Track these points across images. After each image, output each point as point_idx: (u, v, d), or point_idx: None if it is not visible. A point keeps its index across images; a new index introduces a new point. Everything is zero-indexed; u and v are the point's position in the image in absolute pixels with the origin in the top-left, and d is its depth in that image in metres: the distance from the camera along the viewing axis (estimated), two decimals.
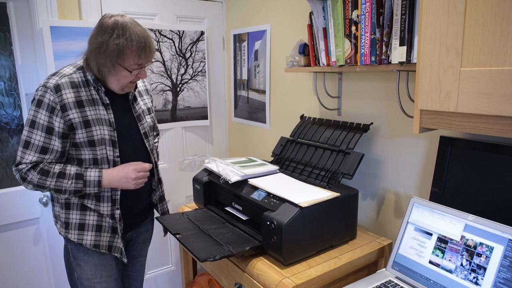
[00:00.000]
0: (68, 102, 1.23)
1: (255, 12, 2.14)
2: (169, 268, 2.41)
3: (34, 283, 1.98)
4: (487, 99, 0.82)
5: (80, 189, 1.26)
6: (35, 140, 1.23)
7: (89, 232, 1.34)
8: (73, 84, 1.25)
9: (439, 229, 1.11)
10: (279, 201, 1.30)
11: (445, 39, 0.87)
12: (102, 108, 1.30)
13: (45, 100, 1.21)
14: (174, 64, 2.21)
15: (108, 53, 1.20)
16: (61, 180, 1.25)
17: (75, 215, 1.34)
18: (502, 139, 1.12)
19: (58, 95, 1.21)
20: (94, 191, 1.28)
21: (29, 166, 1.24)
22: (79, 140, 1.26)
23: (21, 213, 1.89)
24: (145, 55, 1.25)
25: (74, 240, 1.34)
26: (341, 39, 1.37)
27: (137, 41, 1.21)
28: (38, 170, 1.24)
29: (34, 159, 1.24)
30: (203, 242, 1.32)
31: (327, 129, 1.60)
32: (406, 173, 1.44)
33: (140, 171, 1.31)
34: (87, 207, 1.34)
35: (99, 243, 1.35)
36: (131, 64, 1.24)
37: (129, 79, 1.28)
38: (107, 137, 1.30)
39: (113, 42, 1.19)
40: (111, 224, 1.36)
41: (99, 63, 1.24)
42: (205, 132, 2.45)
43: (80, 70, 1.29)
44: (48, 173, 1.24)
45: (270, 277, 1.21)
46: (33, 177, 1.24)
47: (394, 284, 1.14)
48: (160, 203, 1.58)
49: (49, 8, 1.78)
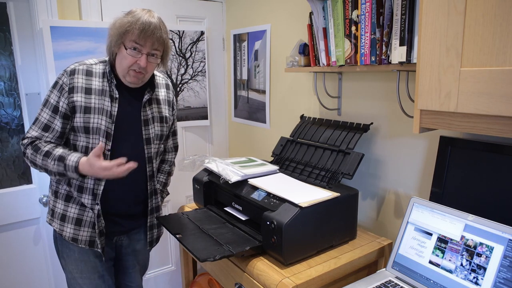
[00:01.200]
0: (77, 85, 1.28)
1: (255, 12, 2.14)
2: (169, 268, 2.41)
3: (34, 283, 1.98)
4: (487, 99, 0.82)
5: (62, 172, 1.25)
6: (42, 117, 1.29)
7: (69, 225, 1.35)
8: (88, 72, 1.31)
9: (439, 229, 1.11)
10: (279, 201, 1.30)
11: (445, 39, 0.87)
12: (108, 99, 1.31)
13: (59, 82, 1.29)
14: (174, 64, 2.21)
15: (115, 29, 1.25)
16: (46, 159, 1.25)
17: (59, 205, 1.37)
18: (502, 139, 1.12)
19: (71, 78, 1.28)
20: (75, 177, 1.26)
21: (29, 141, 1.29)
22: (76, 124, 1.29)
23: (21, 213, 1.89)
24: (144, 37, 1.23)
25: (56, 229, 1.38)
26: (341, 39, 1.37)
27: (142, 22, 1.22)
28: (33, 146, 1.28)
29: (35, 134, 1.29)
30: (203, 242, 1.32)
31: (327, 129, 1.60)
32: (406, 173, 1.44)
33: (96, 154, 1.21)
34: (71, 199, 1.35)
35: (77, 237, 1.35)
36: (129, 41, 1.24)
37: (127, 61, 1.26)
38: (103, 127, 1.30)
39: (121, 20, 1.26)
40: (92, 219, 1.35)
41: (109, 42, 1.29)
42: (205, 132, 2.45)
43: (103, 63, 1.35)
44: (38, 150, 1.27)
45: (270, 277, 1.21)
46: (29, 152, 1.28)
47: (394, 284, 1.14)
48: (150, 215, 1.49)
49: (49, 8, 1.78)
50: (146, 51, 1.26)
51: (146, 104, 1.39)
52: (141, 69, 1.28)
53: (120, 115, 1.33)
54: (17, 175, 1.91)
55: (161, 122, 1.45)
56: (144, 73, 1.31)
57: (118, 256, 1.52)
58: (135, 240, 1.53)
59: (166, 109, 1.48)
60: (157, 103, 1.44)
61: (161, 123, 1.45)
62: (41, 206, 1.93)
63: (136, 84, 1.34)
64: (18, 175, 1.92)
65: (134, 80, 1.31)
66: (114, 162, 1.21)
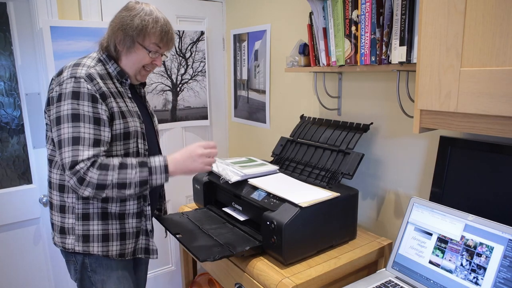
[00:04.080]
0: (104, 90, 1.15)
1: (255, 12, 2.14)
2: (169, 268, 2.41)
3: (34, 283, 1.98)
4: (487, 99, 0.82)
5: (145, 178, 1.14)
6: (84, 133, 1.10)
7: (114, 242, 1.24)
8: (101, 76, 1.18)
9: (439, 229, 1.11)
10: (279, 201, 1.30)
11: (445, 39, 0.87)
12: (129, 100, 1.25)
13: (83, 90, 1.11)
14: (174, 64, 2.21)
15: (131, 28, 1.17)
16: (124, 171, 1.11)
17: (95, 226, 1.22)
18: (502, 139, 1.12)
19: (94, 83, 1.14)
20: (161, 180, 1.16)
21: (88, 163, 1.09)
22: (115, 132, 1.17)
23: (21, 213, 1.89)
24: (166, 40, 1.22)
25: (98, 253, 1.23)
26: (341, 39, 1.37)
27: (162, 24, 1.20)
28: (97, 166, 1.09)
29: (92, 153, 1.09)
30: (203, 242, 1.32)
31: (327, 129, 1.60)
32: (406, 173, 1.44)
33: (206, 147, 1.20)
34: (108, 215, 1.23)
35: (124, 252, 1.27)
36: (151, 44, 1.20)
37: (144, 62, 1.23)
38: (139, 129, 1.24)
39: (138, 18, 1.17)
40: (135, 229, 1.29)
41: (119, 39, 1.20)
42: (205, 132, 2.44)
43: (99, 63, 1.23)
44: (108, 167, 1.10)
45: (270, 277, 1.21)
46: (93, 175, 1.09)
47: (394, 284, 1.14)
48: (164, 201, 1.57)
49: (49, 8, 1.78)
50: (164, 50, 1.27)
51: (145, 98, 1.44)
52: (154, 68, 1.29)
53: None
54: (17, 175, 1.91)
55: None
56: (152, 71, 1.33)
57: None
58: None
59: None
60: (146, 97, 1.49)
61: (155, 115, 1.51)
62: (41, 206, 1.93)
63: (141, 81, 1.35)
64: (18, 175, 1.92)
65: (144, 79, 1.33)
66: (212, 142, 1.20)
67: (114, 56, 1.24)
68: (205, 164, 1.21)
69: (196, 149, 1.19)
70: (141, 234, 1.31)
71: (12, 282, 1.93)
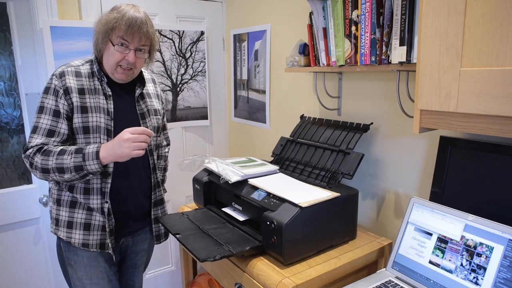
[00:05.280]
0: (71, 86, 1.27)
1: (255, 12, 2.14)
2: (169, 268, 2.41)
3: (34, 283, 1.98)
4: (487, 99, 0.82)
5: (80, 164, 1.21)
6: (42, 124, 1.25)
7: (77, 231, 1.33)
8: (77, 73, 1.29)
9: (439, 229, 1.11)
10: (279, 201, 1.30)
11: (445, 39, 0.87)
12: (102, 97, 1.31)
13: (51, 86, 1.26)
14: (174, 64, 2.21)
15: (101, 26, 1.25)
16: (62, 156, 1.21)
17: (64, 212, 1.33)
18: (502, 139, 1.12)
19: (62, 79, 1.26)
20: (94, 166, 1.21)
21: (35, 149, 1.23)
22: (75, 125, 1.27)
23: (21, 213, 1.89)
24: (132, 32, 1.23)
25: (63, 237, 1.34)
26: (341, 39, 1.37)
27: (129, 18, 1.23)
28: (42, 151, 1.23)
29: (40, 141, 1.24)
30: (203, 242, 1.32)
31: (327, 129, 1.60)
32: (406, 173, 1.44)
33: (133, 132, 1.22)
34: (76, 204, 1.33)
35: (88, 242, 1.33)
36: (116, 37, 1.24)
37: (115, 58, 1.26)
38: (103, 125, 1.30)
39: (107, 16, 1.26)
40: (101, 222, 1.34)
41: (96, 39, 1.28)
42: (205, 132, 2.45)
43: (89, 62, 1.34)
44: (50, 153, 1.23)
45: (270, 277, 1.21)
46: (38, 159, 1.22)
47: (394, 284, 1.14)
48: (154, 207, 1.51)
49: (49, 8, 1.78)
50: (133, 46, 1.26)
51: (138, 98, 1.42)
52: (130, 64, 1.29)
53: (116, 111, 1.34)
54: (17, 175, 1.91)
55: (156, 115, 1.49)
56: (133, 69, 1.32)
57: (123, 256, 1.52)
58: (141, 240, 1.55)
59: (156, 102, 1.51)
60: (148, 97, 1.47)
61: (156, 116, 1.49)
62: (41, 206, 1.93)
63: (125, 80, 1.35)
64: (18, 175, 1.92)
65: (123, 77, 1.32)
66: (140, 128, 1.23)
67: (98, 56, 1.33)
68: (132, 149, 1.21)
69: (123, 134, 1.21)
70: (108, 229, 1.35)
71: (12, 282, 1.93)
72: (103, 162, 1.22)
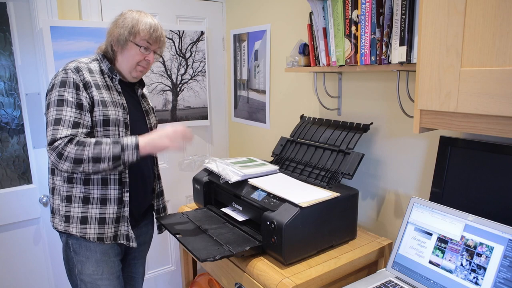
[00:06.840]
0: (89, 80, 1.30)
1: (255, 12, 2.14)
2: (169, 268, 2.41)
3: (34, 283, 1.98)
4: (487, 99, 0.82)
5: (118, 154, 1.24)
6: (66, 116, 1.25)
7: (92, 225, 1.33)
8: (89, 70, 1.34)
9: (439, 229, 1.11)
10: (279, 201, 1.30)
11: (445, 39, 0.87)
12: (115, 93, 1.37)
13: (69, 79, 1.27)
14: (174, 64, 2.21)
15: (124, 28, 1.33)
16: (99, 146, 1.23)
17: (76, 208, 1.33)
18: (502, 139, 1.12)
19: (80, 74, 1.30)
20: (132, 156, 1.26)
21: (65, 140, 1.22)
22: (95, 118, 1.30)
23: (21, 213, 1.89)
24: (156, 37, 1.36)
25: (76, 233, 1.33)
26: (341, 39, 1.37)
27: (150, 23, 1.35)
28: (75, 143, 1.22)
29: (69, 132, 1.23)
30: (203, 242, 1.32)
31: (327, 129, 1.60)
32: (406, 173, 1.44)
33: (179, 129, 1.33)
34: (89, 200, 1.33)
35: (102, 236, 1.35)
36: (141, 41, 1.34)
37: (137, 58, 1.36)
38: (121, 118, 1.35)
39: (130, 20, 1.34)
40: (116, 214, 1.35)
41: (114, 40, 1.35)
42: (205, 132, 2.44)
43: (95, 61, 1.39)
44: (85, 143, 1.23)
45: (270, 277, 1.21)
46: (71, 150, 1.21)
47: (394, 284, 1.14)
48: (157, 198, 1.59)
49: (49, 8, 1.78)
50: (153, 48, 1.39)
51: (140, 97, 1.52)
52: (148, 64, 1.41)
53: (128, 106, 1.41)
54: (17, 175, 1.91)
55: (153, 113, 1.60)
56: (148, 68, 1.44)
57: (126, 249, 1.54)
58: (143, 233, 1.58)
59: (150, 102, 1.61)
60: (146, 97, 1.58)
61: (153, 114, 1.60)
62: (41, 206, 1.93)
63: (138, 78, 1.45)
64: (18, 175, 1.92)
65: (139, 75, 1.43)
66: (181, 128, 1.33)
67: (110, 56, 1.40)
68: (172, 141, 1.30)
69: (167, 128, 1.32)
70: (122, 220, 1.38)
71: (12, 282, 1.93)
72: (141, 152, 1.28)
